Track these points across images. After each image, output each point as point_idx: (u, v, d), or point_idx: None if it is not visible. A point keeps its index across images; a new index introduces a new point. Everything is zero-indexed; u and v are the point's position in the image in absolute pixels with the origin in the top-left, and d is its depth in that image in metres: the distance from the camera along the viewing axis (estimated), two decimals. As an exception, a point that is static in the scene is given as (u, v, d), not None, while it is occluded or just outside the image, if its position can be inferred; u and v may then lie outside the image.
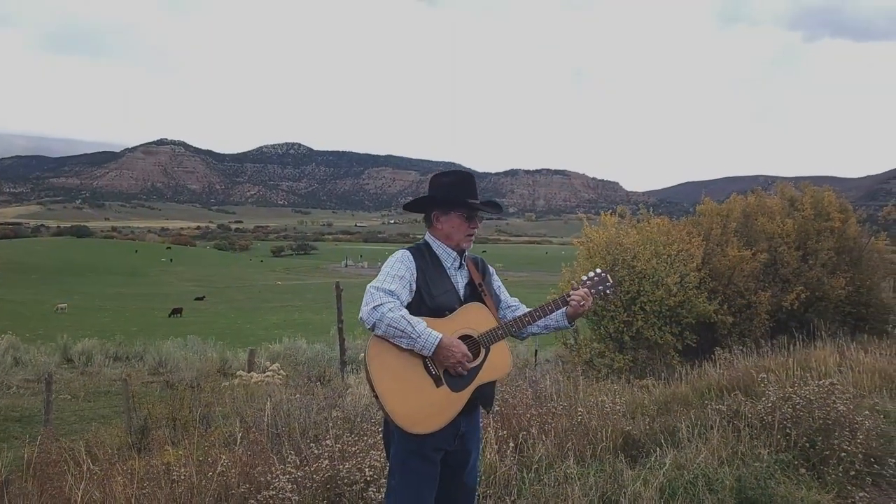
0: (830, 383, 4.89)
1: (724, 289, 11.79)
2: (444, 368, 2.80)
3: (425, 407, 2.76)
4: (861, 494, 4.34)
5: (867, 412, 4.91)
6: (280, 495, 3.60)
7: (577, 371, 7.81)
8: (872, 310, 13.31)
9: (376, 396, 2.74)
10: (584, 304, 3.04)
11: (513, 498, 4.05)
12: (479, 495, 3.97)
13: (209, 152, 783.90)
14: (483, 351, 2.90)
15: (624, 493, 3.96)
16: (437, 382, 2.79)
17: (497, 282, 3.22)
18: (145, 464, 4.27)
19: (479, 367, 2.88)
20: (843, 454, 4.47)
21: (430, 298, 2.89)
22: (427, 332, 2.71)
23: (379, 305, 2.72)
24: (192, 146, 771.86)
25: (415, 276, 2.89)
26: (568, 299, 3.05)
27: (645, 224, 11.83)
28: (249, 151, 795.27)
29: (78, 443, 4.85)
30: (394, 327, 2.69)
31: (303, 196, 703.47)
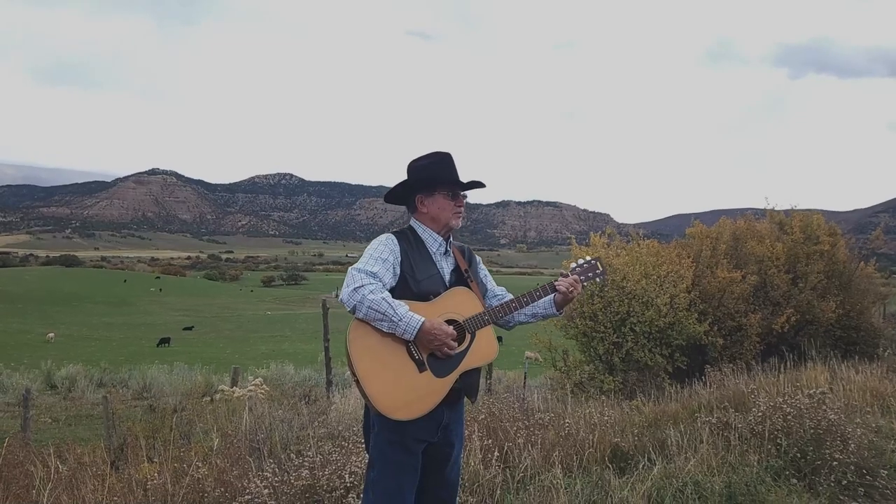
0: (821, 392, 4.81)
1: (714, 311, 11.71)
2: (427, 353, 2.72)
3: (407, 392, 2.67)
4: (854, 504, 4.25)
5: (858, 420, 4.84)
6: (256, 499, 3.48)
7: (567, 388, 7.72)
8: (863, 334, 13.24)
9: (357, 381, 2.65)
10: (573, 292, 2.98)
11: (498, 506, 3.94)
12: (462, 503, 3.86)
13: (201, 182, 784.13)
14: (468, 336, 2.82)
15: (611, 499, 3.86)
16: (421, 367, 2.70)
17: (483, 270, 3.15)
18: (120, 476, 4.14)
19: (465, 352, 2.79)
20: (835, 463, 4.39)
21: (414, 283, 2.81)
22: (409, 315, 2.63)
23: (360, 287, 2.64)
24: (183, 176, 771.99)
25: (399, 259, 2.81)
26: (556, 285, 2.99)
27: (634, 245, 11.79)
28: (241, 181, 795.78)
29: (47, 446, 4.70)
30: (374, 310, 2.61)
31: (294, 226, 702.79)
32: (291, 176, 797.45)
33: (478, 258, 3.16)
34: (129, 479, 3.50)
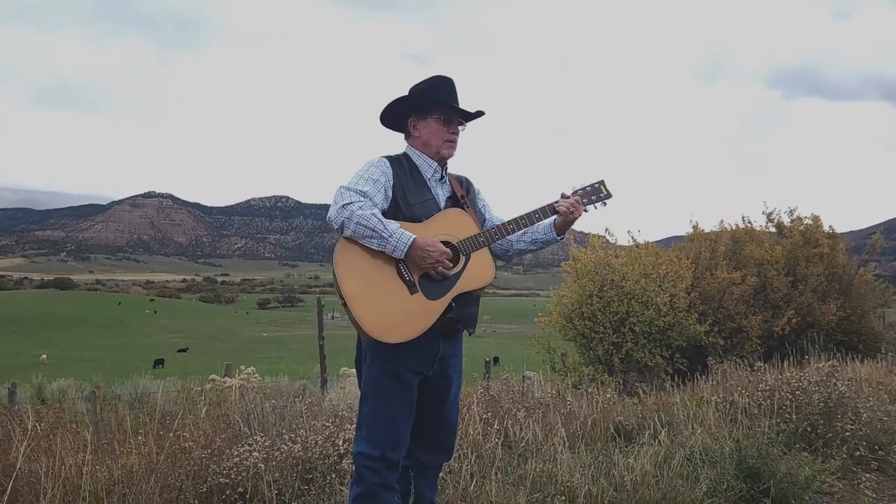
0: (831, 365, 4.68)
1: (715, 312, 11.58)
2: (419, 274, 2.57)
3: (397, 314, 2.51)
4: (867, 476, 4.10)
5: (869, 392, 4.70)
6: (245, 462, 3.32)
7: (567, 382, 7.57)
8: (864, 338, 13.09)
9: (344, 304, 2.50)
10: (573, 213, 2.82)
11: (499, 475, 3.77)
12: (462, 473, 3.69)
13: (197, 205, 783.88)
14: (463, 258, 2.67)
15: (616, 468, 3.69)
16: (412, 289, 2.55)
17: (483, 200, 2.99)
18: (101, 444, 3.96)
19: (459, 274, 2.64)
20: (847, 434, 4.24)
21: (406, 207, 2.66)
22: (399, 231, 2.49)
23: (348, 204, 2.51)
24: (179, 199, 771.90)
25: (391, 182, 2.67)
26: (556, 206, 2.83)
27: (633, 246, 11.70)
28: (237, 204, 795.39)
29: (25, 407, 4.52)
30: (363, 226, 2.47)
31: (290, 249, 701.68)
32: (288, 198, 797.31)
33: (477, 188, 3.01)
34: (112, 441, 3.35)
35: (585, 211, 2.88)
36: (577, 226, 2.93)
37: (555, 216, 2.85)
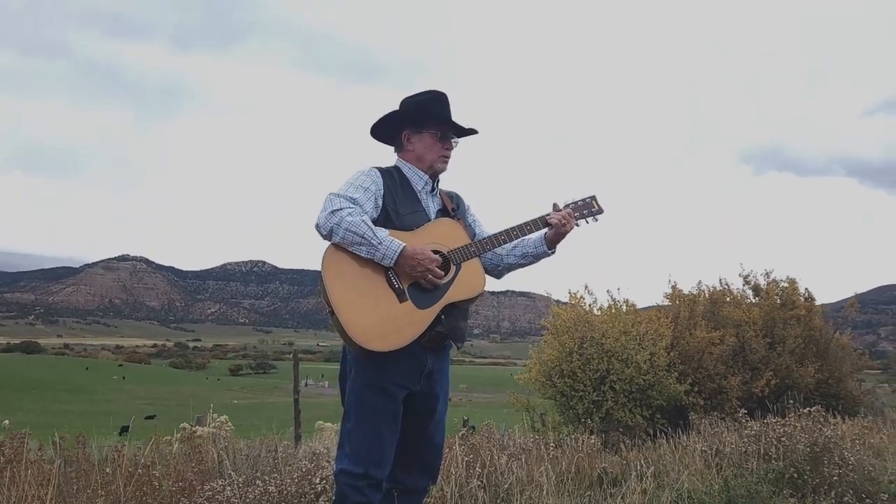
0: (817, 409, 4.64)
1: (694, 372, 11.54)
2: (409, 283, 2.52)
3: (386, 322, 2.45)
4: (857, 522, 4.01)
5: (853, 438, 4.65)
6: (219, 496, 3.16)
7: (549, 437, 7.42)
8: (843, 401, 13.11)
9: (331, 311, 2.43)
10: (565, 226, 2.79)
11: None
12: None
13: (171, 269, 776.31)
14: (453, 267, 2.62)
15: (604, 508, 3.58)
16: (401, 297, 2.49)
17: (473, 216, 2.97)
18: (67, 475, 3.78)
19: (449, 284, 2.59)
20: (835, 479, 4.16)
21: (397, 217, 2.64)
22: (389, 239, 2.46)
23: (338, 210, 2.47)
24: (153, 262, 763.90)
25: (381, 192, 2.64)
26: (547, 219, 2.81)
27: (612, 306, 11.72)
28: (213, 269, 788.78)
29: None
30: (353, 232, 2.43)
31: (265, 314, 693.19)
32: (264, 263, 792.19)
33: (468, 203, 2.99)
34: (78, 467, 3.18)
35: (577, 225, 2.86)
36: (557, 292, 2.92)
37: (546, 229, 2.82)
